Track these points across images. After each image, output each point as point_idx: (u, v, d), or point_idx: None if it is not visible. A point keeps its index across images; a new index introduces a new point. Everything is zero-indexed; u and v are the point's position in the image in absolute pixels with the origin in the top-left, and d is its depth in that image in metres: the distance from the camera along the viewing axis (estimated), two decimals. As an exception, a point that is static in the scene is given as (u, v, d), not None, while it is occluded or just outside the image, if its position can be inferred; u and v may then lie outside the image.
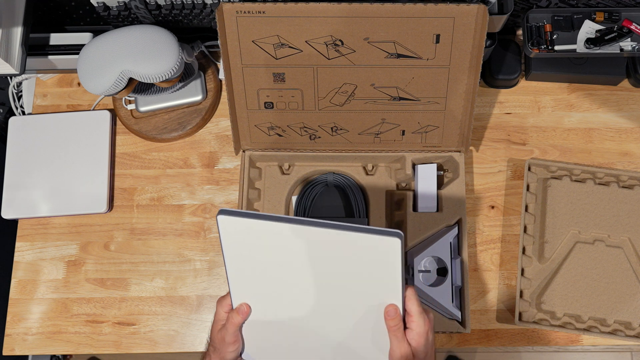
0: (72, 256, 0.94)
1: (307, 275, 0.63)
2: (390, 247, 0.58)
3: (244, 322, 0.68)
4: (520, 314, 0.88)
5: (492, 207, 0.94)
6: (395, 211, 0.91)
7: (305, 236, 0.61)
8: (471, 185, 0.95)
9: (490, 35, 0.88)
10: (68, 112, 0.99)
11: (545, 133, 0.97)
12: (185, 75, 0.94)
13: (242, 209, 0.88)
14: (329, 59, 0.81)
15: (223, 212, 0.60)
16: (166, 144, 0.99)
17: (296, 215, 0.93)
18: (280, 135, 0.90)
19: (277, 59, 0.81)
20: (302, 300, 0.66)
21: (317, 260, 0.62)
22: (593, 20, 0.90)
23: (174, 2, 0.86)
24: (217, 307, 0.69)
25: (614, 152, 0.96)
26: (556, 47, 0.91)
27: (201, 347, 0.90)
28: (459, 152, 0.91)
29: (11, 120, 0.98)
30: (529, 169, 0.93)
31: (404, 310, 0.63)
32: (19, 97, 1.05)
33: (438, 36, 0.79)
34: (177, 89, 0.96)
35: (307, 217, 0.92)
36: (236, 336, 0.68)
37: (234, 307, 0.67)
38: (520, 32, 1.01)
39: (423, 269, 0.88)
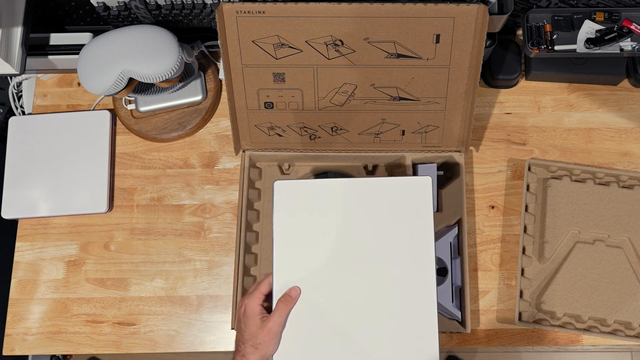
0: (72, 256, 0.94)
1: (349, 232, 0.72)
2: (423, 185, 0.73)
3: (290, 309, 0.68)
4: (520, 314, 0.88)
5: (492, 207, 0.94)
6: (395, 211, 0.91)
7: (348, 188, 0.73)
8: (471, 185, 0.95)
9: (490, 35, 0.88)
10: (68, 112, 0.99)
11: (545, 133, 0.97)
12: (185, 75, 0.94)
13: (242, 209, 0.88)
14: (329, 59, 0.81)
15: (279, 181, 0.74)
16: (166, 144, 0.99)
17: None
18: (280, 135, 0.90)
19: (277, 59, 0.81)
20: (342, 273, 0.71)
21: (358, 211, 0.73)
22: (593, 20, 0.90)
23: (174, 2, 0.86)
24: (247, 303, 0.67)
25: (614, 152, 0.96)
26: (556, 47, 0.91)
27: (201, 347, 0.90)
28: (459, 152, 0.91)
29: (11, 120, 0.98)
30: (529, 169, 0.93)
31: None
32: (19, 97, 1.05)
33: (438, 36, 0.79)
34: (177, 89, 0.96)
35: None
36: (281, 329, 0.66)
37: (279, 291, 0.68)
38: (520, 32, 1.01)
39: (423, 269, 0.88)
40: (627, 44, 0.89)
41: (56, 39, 0.92)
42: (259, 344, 0.65)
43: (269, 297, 0.70)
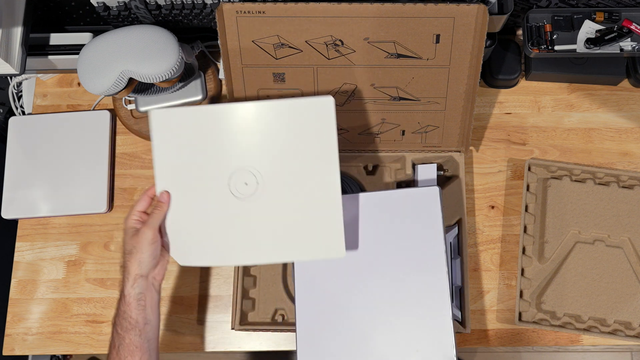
0: (72, 256, 0.94)
1: (242, 151, 0.72)
2: (324, 107, 0.69)
3: (165, 216, 0.73)
4: (520, 314, 0.88)
5: (492, 207, 0.94)
6: (395, 211, 0.91)
7: (238, 114, 0.70)
8: (471, 185, 0.95)
9: (490, 35, 0.88)
10: (68, 112, 0.99)
11: (545, 133, 0.97)
12: (185, 75, 0.94)
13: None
14: (329, 59, 0.81)
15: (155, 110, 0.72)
16: (166, 144, 0.99)
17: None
18: (280, 135, 0.90)
19: (277, 59, 0.81)
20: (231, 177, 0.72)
21: (250, 134, 0.71)
22: (593, 20, 0.90)
23: (174, 2, 0.86)
24: (125, 222, 0.73)
25: (614, 152, 0.96)
26: (556, 47, 0.91)
27: (201, 347, 0.90)
28: (459, 152, 0.91)
29: (11, 120, 0.98)
30: (529, 169, 0.93)
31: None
32: (19, 97, 1.05)
33: (438, 36, 0.79)
34: (177, 89, 0.96)
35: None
36: (155, 234, 0.71)
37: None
38: (520, 32, 1.01)
39: (423, 269, 0.88)
40: (627, 44, 0.89)
41: (56, 39, 0.92)
42: (132, 249, 0.70)
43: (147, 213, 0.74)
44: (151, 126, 0.73)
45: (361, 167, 0.94)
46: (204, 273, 0.93)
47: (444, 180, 0.93)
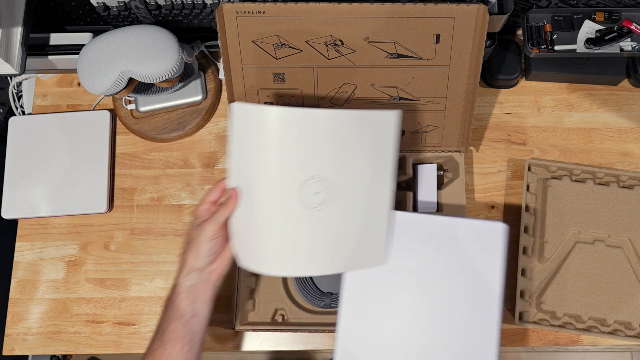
0: (72, 256, 0.94)
1: (315, 159, 0.71)
2: (390, 118, 0.73)
3: (231, 213, 0.71)
4: (520, 314, 0.88)
5: (492, 207, 0.94)
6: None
7: (319, 119, 0.70)
8: (471, 185, 0.95)
9: (490, 35, 0.88)
10: (68, 112, 0.99)
11: (545, 133, 0.97)
12: (185, 75, 0.94)
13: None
14: (329, 59, 0.81)
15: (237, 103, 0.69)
16: (166, 144, 0.99)
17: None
18: (280, 135, 0.90)
19: (277, 59, 0.81)
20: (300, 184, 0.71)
21: (324, 141, 0.71)
22: (593, 20, 0.90)
23: (174, 2, 0.86)
24: (195, 210, 0.72)
25: (614, 152, 0.96)
26: (556, 47, 0.91)
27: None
28: (459, 152, 0.91)
29: (11, 120, 0.98)
30: (529, 169, 0.93)
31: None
32: (19, 97, 1.05)
33: (438, 36, 0.79)
34: (177, 89, 0.96)
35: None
36: (217, 230, 0.70)
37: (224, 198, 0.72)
38: (520, 32, 1.01)
39: (423, 269, 0.88)
40: (627, 44, 0.89)
41: (56, 39, 0.92)
42: (193, 240, 0.70)
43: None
44: (231, 119, 0.70)
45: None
46: (204, 273, 0.93)
47: (444, 180, 0.93)
